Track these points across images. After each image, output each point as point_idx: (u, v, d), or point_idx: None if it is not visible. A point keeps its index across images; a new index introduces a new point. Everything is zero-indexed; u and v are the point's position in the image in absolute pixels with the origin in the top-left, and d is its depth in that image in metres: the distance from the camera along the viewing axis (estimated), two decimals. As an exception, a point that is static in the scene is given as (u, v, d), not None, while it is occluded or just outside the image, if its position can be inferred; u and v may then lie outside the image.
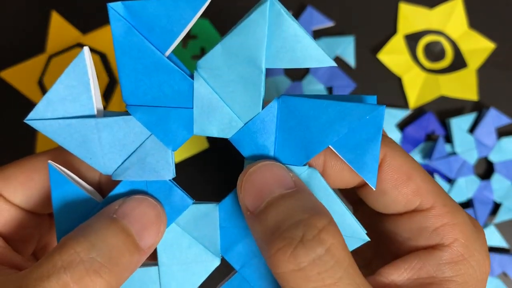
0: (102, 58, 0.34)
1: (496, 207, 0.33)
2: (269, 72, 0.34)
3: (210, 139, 0.33)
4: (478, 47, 0.35)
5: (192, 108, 0.15)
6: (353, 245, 0.16)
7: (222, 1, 0.36)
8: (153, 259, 0.17)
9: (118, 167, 0.16)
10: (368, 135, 0.15)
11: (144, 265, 0.17)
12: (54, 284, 0.13)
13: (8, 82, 0.34)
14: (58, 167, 0.16)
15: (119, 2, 0.14)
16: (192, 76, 0.15)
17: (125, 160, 0.15)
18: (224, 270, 0.18)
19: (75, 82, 0.15)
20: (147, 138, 0.15)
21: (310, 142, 0.15)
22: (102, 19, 0.35)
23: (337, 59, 0.35)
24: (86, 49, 0.15)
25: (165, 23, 0.14)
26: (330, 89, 0.34)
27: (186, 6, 0.14)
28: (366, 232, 0.16)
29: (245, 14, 0.14)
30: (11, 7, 0.35)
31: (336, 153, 0.15)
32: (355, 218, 0.16)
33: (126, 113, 0.15)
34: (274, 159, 0.15)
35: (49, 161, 0.16)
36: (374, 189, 0.16)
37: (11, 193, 0.17)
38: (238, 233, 0.16)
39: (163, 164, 0.16)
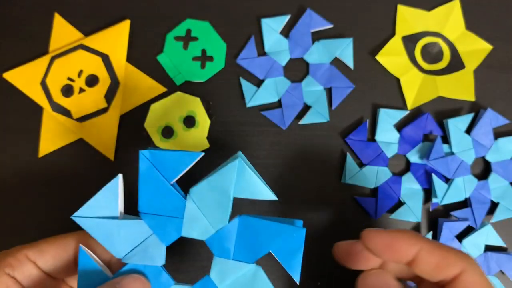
0: (104, 60, 0.34)
1: (493, 206, 0.33)
2: (270, 73, 0.34)
3: (211, 140, 0.33)
4: (475, 49, 0.36)
5: (183, 218, 0.23)
6: None
7: (222, 3, 0.36)
8: None
9: (127, 253, 0.23)
10: (295, 246, 0.22)
11: None
12: None
13: (10, 83, 0.34)
14: (86, 250, 0.23)
15: (147, 150, 0.22)
16: (185, 197, 0.23)
17: (133, 249, 0.23)
18: None
19: (109, 196, 0.23)
20: (150, 235, 0.23)
21: (258, 247, 0.22)
22: (103, 21, 0.35)
23: (336, 61, 0.35)
24: (120, 177, 0.23)
25: (173, 164, 0.22)
26: (329, 90, 0.35)
27: (186, 158, 0.22)
28: None
29: (222, 163, 0.23)
30: (14, 9, 0.36)
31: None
32: None
33: (138, 217, 0.23)
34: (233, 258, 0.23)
35: (81, 245, 0.23)
36: None
37: (42, 262, 0.24)
38: None
39: (158, 254, 0.23)
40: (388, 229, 0.23)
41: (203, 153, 0.22)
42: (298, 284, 0.22)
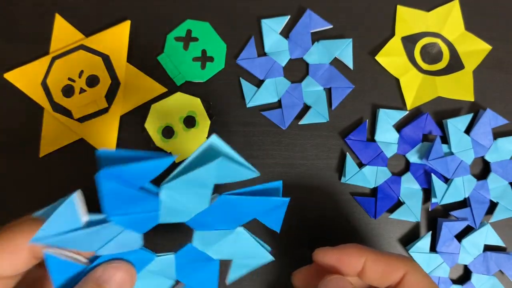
0: (104, 60, 0.34)
1: (492, 206, 0.33)
2: (270, 73, 0.34)
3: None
4: (474, 49, 0.36)
5: (159, 211, 0.20)
6: (261, 262, 0.23)
7: (222, 4, 0.36)
8: None
9: (101, 247, 0.20)
10: (278, 216, 0.21)
11: None
12: None
13: (11, 83, 0.34)
14: (51, 251, 0.19)
15: (106, 170, 0.17)
16: (157, 194, 0.19)
17: (103, 245, 0.20)
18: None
19: (68, 213, 0.19)
20: (121, 232, 0.19)
21: (240, 219, 0.21)
22: (104, 22, 0.35)
23: (336, 61, 0.35)
24: (76, 194, 0.19)
25: (140, 176, 0.18)
26: (329, 90, 0.35)
27: (154, 168, 0.18)
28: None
29: (196, 153, 0.19)
30: (15, 10, 0.36)
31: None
32: (265, 247, 0.23)
33: (105, 221, 0.19)
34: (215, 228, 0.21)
35: (44, 251, 0.19)
36: None
37: (3, 271, 0.19)
38: (185, 269, 0.23)
39: (133, 242, 0.20)
40: (336, 246, 0.25)
41: (173, 159, 0.18)
42: (278, 233, 0.23)
